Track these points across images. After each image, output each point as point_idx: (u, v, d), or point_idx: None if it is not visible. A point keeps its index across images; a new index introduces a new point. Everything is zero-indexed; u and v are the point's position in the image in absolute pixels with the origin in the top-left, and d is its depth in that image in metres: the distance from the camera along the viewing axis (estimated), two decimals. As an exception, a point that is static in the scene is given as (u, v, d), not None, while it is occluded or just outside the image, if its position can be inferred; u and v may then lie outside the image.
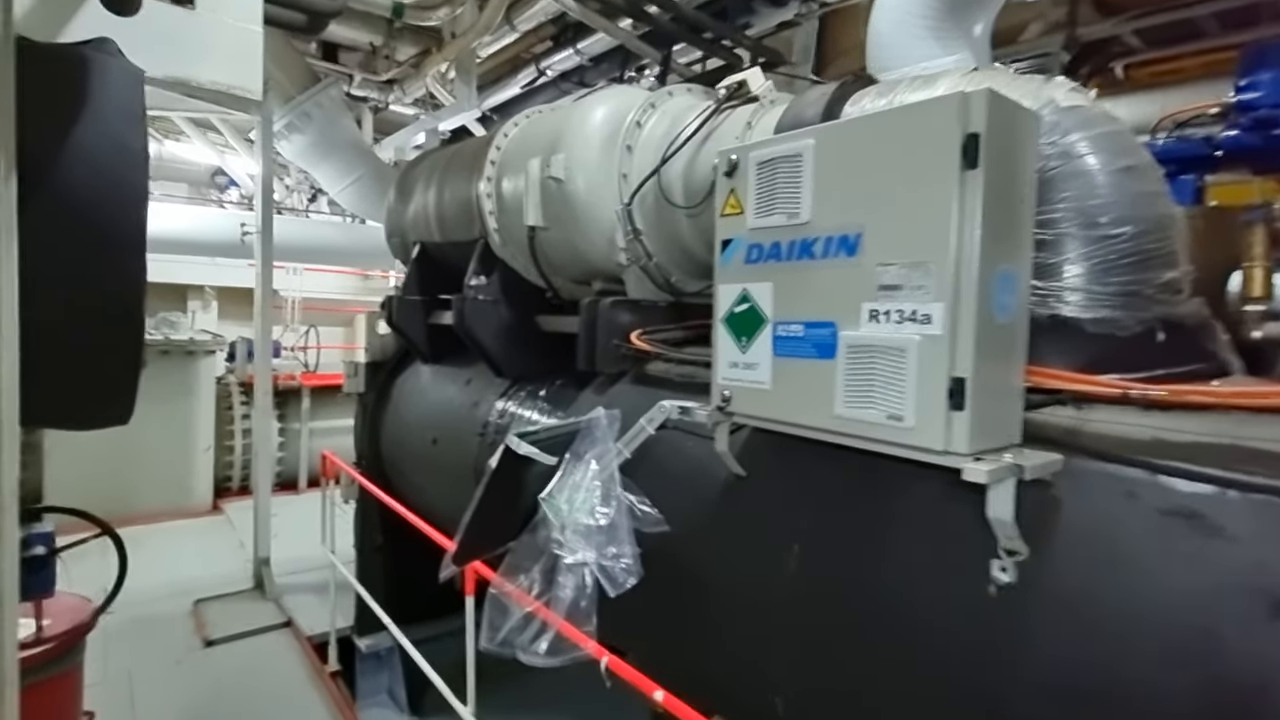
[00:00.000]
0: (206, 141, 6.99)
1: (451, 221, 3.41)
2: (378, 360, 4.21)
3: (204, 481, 7.15)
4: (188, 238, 5.87)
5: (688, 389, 2.23)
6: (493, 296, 3.06)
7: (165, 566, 5.55)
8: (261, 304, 4.79)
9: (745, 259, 1.59)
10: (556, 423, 2.03)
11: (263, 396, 4.86)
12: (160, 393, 6.75)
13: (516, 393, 3.04)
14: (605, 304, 2.54)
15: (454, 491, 3.35)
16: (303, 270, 8.59)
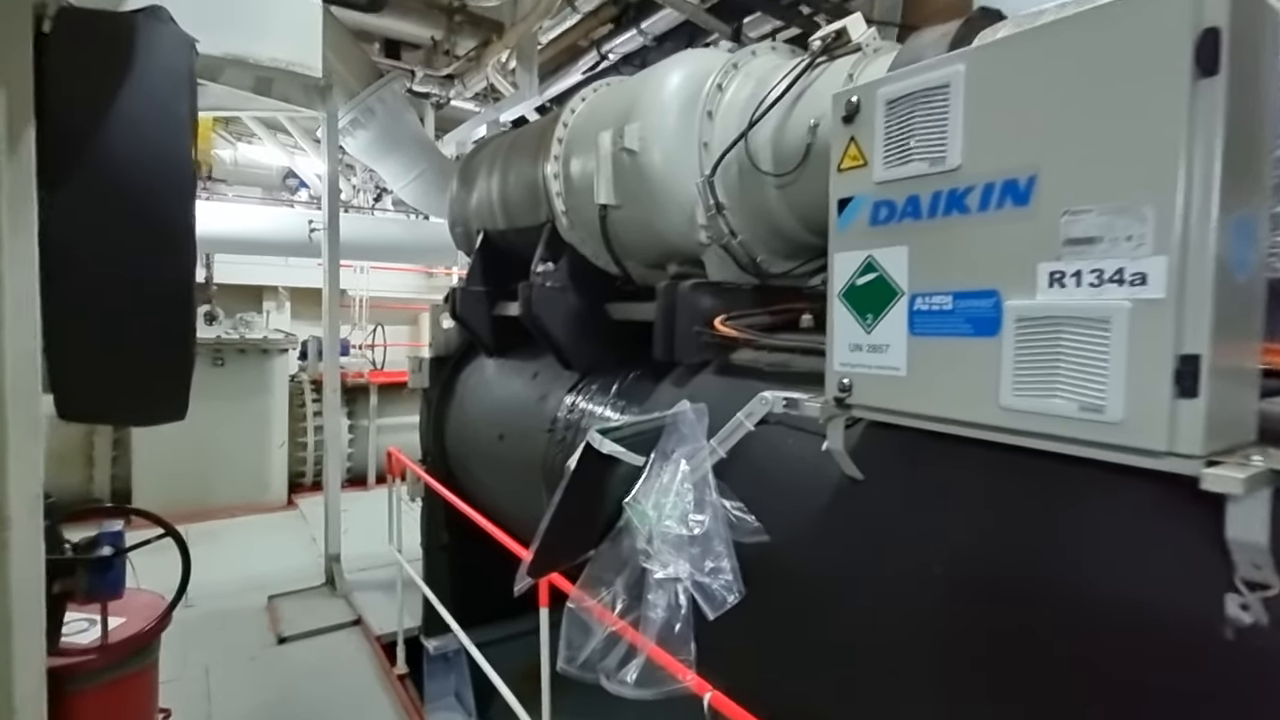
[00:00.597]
0: (277, 143, 7.18)
1: (516, 206, 3.26)
2: (442, 355, 4.13)
3: (279, 477, 7.35)
4: (259, 237, 6.02)
5: (780, 379, 1.98)
6: (560, 283, 2.88)
7: (242, 561, 5.69)
8: (329, 301, 4.80)
9: (871, 220, 1.33)
10: (640, 418, 1.82)
11: (331, 394, 4.88)
12: (237, 391, 6.97)
13: (586, 386, 2.85)
14: (685, 287, 2.32)
15: (521, 490, 3.21)
16: (369, 269, 8.75)
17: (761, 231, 2.39)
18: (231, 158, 8.24)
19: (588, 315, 2.94)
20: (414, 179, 5.62)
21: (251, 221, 5.95)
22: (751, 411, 1.63)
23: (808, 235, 2.36)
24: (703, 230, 2.38)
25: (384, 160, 5.63)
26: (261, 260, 8.82)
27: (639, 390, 2.57)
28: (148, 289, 1.23)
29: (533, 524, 3.17)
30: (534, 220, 3.08)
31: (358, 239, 6.52)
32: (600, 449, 1.56)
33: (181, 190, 1.29)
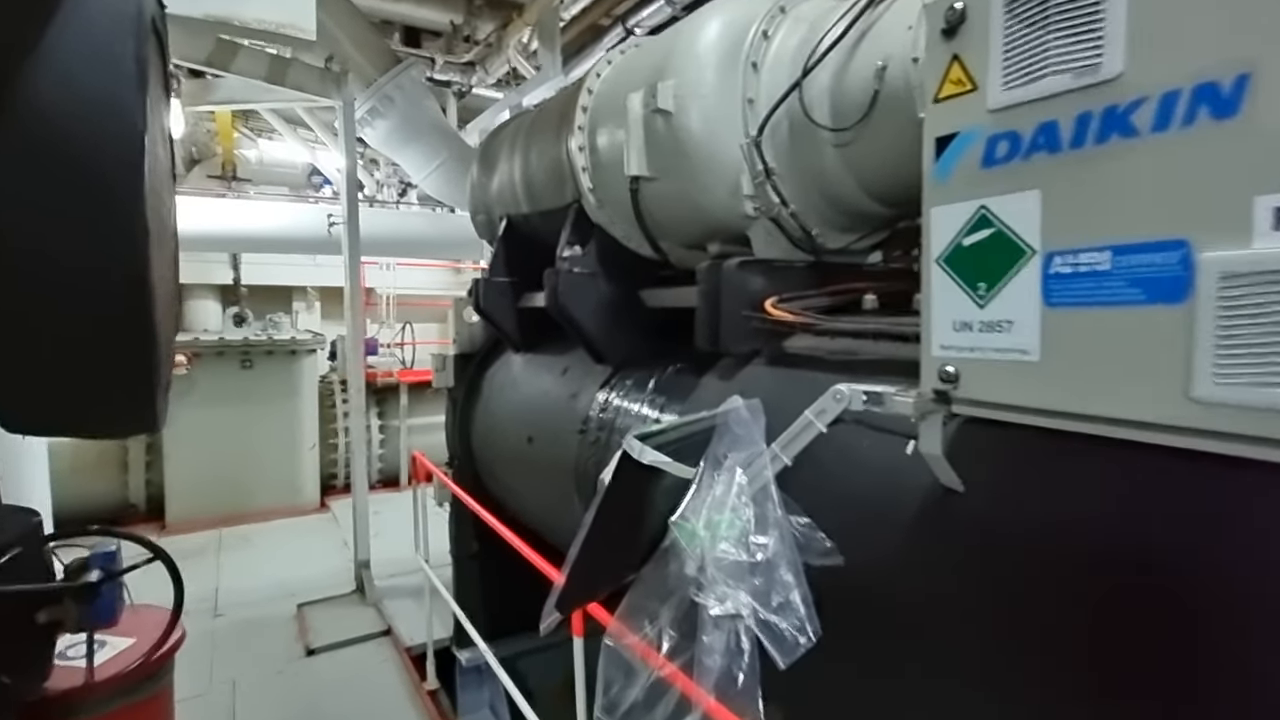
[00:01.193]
0: (298, 138, 7.10)
1: (540, 188, 3.02)
2: (466, 351, 3.92)
3: (310, 480, 7.30)
4: (280, 235, 5.92)
5: (846, 370, 1.70)
6: (589, 269, 2.63)
7: (273, 567, 5.62)
8: (351, 298, 4.65)
9: (985, 159, 1.03)
10: (686, 419, 1.55)
11: (355, 394, 4.74)
12: (266, 393, 6.93)
13: (620, 381, 2.60)
14: (730, 266, 2.04)
15: (552, 496, 2.98)
16: (395, 266, 8.65)
17: (816, 200, 2.09)
18: (256, 157, 8.23)
19: (620, 303, 2.68)
20: (435, 169, 5.44)
21: (272, 219, 5.86)
22: (824, 409, 1.35)
23: (870, 203, 2.05)
24: (748, 201, 2.10)
25: (404, 151, 5.46)
26: (290, 260, 8.80)
27: (679, 385, 2.30)
28: (79, 277, 1.01)
29: (565, 534, 2.94)
30: (559, 201, 2.83)
31: (381, 234, 6.38)
32: (640, 459, 1.30)
33: (126, 150, 1.06)
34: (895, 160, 1.85)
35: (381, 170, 8.53)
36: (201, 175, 7.87)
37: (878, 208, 2.08)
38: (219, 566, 5.65)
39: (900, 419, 1.28)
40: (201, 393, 6.58)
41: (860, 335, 1.70)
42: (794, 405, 1.73)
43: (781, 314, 1.91)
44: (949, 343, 1.11)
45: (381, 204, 8.00)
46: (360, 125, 5.15)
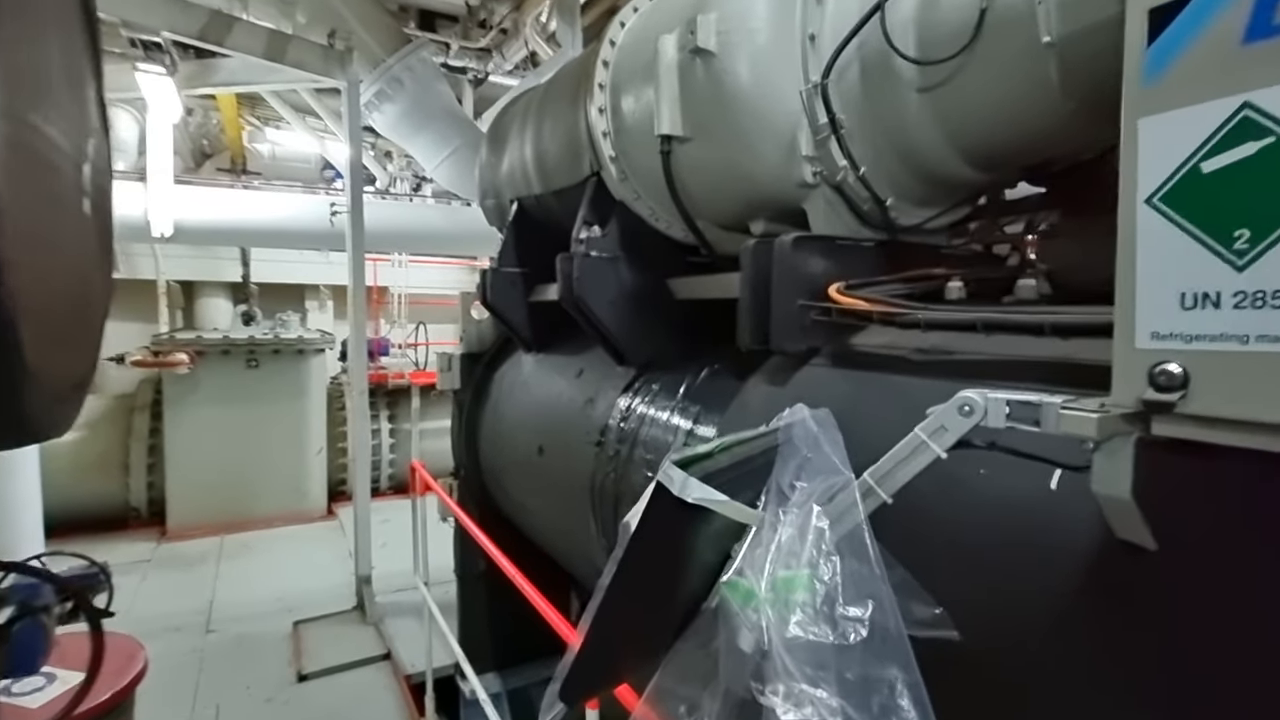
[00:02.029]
0: (306, 127, 6.86)
1: (554, 163, 2.66)
2: (474, 351, 3.58)
3: (318, 485, 7.03)
4: (284, 227, 5.64)
5: (943, 372, 1.31)
6: (609, 252, 2.26)
7: (273, 578, 5.34)
8: (354, 294, 4.34)
9: (1251, 28, 0.64)
10: (739, 436, 1.17)
11: (358, 397, 4.42)
12: (272, 394, 6.67)
13: (645, 386, 2.22)
14: (785, 243, 1.65)
15: (564, 516, 2.61)
16: (408, 263, 8.38)
17: (890, 162, 1.70)
18: (269, 151, 8.02)
19: (645, 293, 2.31)
20: (448, 158, 5.12)
21: (276, 210, 5.59)
22: (942, 426, 0.95)
23: (959, 165, 1.66)
24: (807, 164, 1.71)
25: (415, 138, 5.15)
26: (302, 258, 8.58)
27: (717, 391, 1.92)
28: None
29: (580, 561, 2.56)
30: (575, 177, 2.46)
31: (391, 227, 6.09)
32: (683, 494, 0.92)
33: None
34: (1002, 104, 1.45)
35: (395, 163, 8.27)
36: (212, 170, 7.68)
37: (967, 172, 1.69)
38: (217, 576, 5.37)
39: (1053, 440, 0.89)
40: (206, 393, 6.34)
41: (962, 328, 1.30)
42: (875, 418, 1.34)
43: (853, 302, 1.52)
44: (1172, 328, 0.71)
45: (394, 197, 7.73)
46: (367, 110, 4.85)
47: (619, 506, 2.09)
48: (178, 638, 4.15)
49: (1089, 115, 1.38)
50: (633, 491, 2.03)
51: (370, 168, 7.83)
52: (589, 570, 2.56)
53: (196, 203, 5.32)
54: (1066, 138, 1.47)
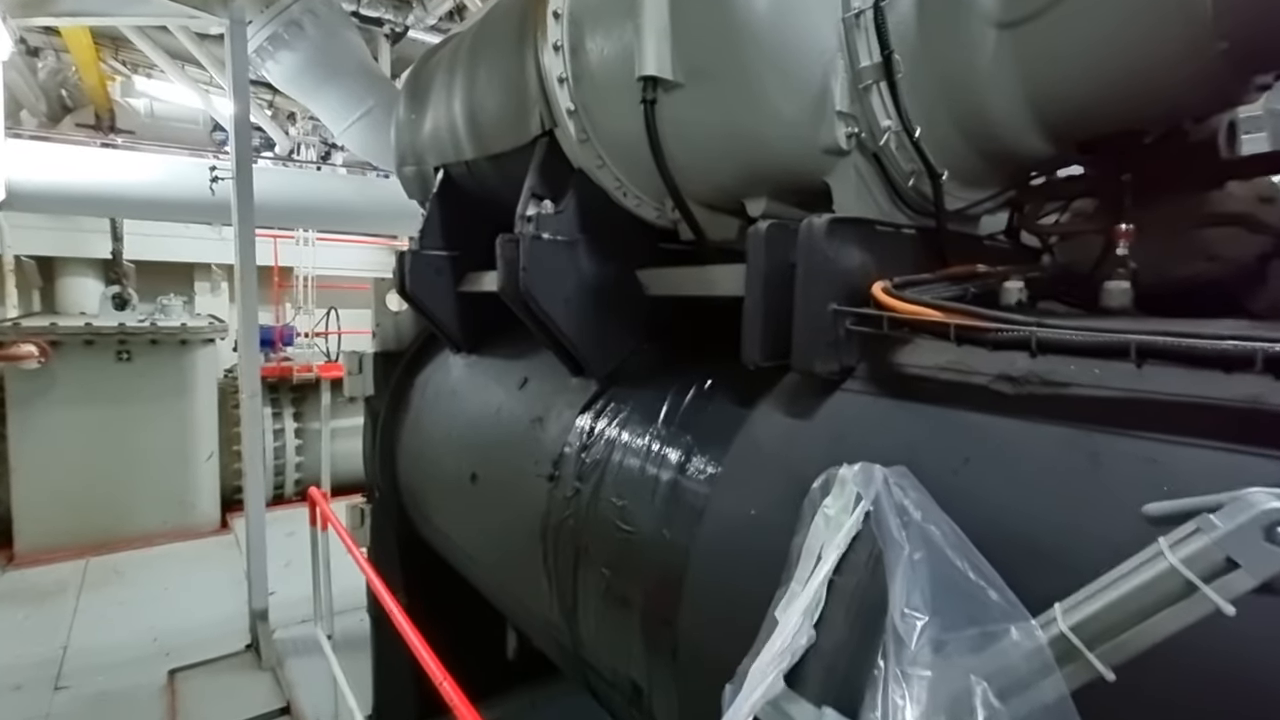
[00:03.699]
0: (186, 78, 5.89)
1: (492, 122, 2.15)
2: (391, 350, 3.03)
3: (208, 495, 6.20)
4: (156, 195, 4.74)
5: (1064, 414, 0.95)
6: (566, 234, 1.79)
7: (148, 611, 4.58)
8: (242, 271, 3.66)
9: None
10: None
11: (248, 400, 3.74)
12: (150, 391, 5.79)
13: (612, 405, 1.77)
14: (818, 227, 1.24)
15: (504, 562, 2.14)
16: (315, 241, 7.51)
17: (945, 125, 1.32)
18: (146, 108, 6.93)
19: (609, 287, 1.86)
20: (360, 119, 4.46)
21: (141, 173, 4.68)
22: (1229, 553, 0.55)
23: (1030, 133, 1.31)
24: (840, 123, 1.31)
25: (319, 94, 4.45)
26: (190, 232, 7.57)
27: (713, 416, 1.49)
28: None
29: (523, 615, 2.10)
30: (520, 138, 1.97)
31: (294, 199, 5.31)
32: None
33: None
34: (1120, 44, 1.09)
35: (299, 127, 7.36)
36: (71, 126, 6.57)
37: (1035, 142, 1.33)
38: (76, 611, 4.56)
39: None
40: (63, 391, 5.40)
41: (1100, 352, 0.93)
42: (978, 487, 0.95)
43: (917, 309, 1.12)
44: None
45: (298, 165, 6.87)
46: (258, 57, 4.12)
47: (581, 563, 1.65)
48: (15, 700, 3.41)
49: (1242, 61, 1.03)
50: (600, 545, 1.59)
51: (269, 131, 6.91)
52: (537, 627, 2.10)
53: (39, 161, 4.39)
54: (1200, 93, 1.12)
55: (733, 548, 1.25)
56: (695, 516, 1.35)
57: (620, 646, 1.54)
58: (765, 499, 1.23)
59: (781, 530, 1.16)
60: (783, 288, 1.34)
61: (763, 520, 1.21)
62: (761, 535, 1.20)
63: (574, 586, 1.69)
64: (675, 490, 1.43)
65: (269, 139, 7.03)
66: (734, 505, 1.28)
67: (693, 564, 1.32)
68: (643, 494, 1.50)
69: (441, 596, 3.02)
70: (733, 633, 1.22)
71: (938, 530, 0.78)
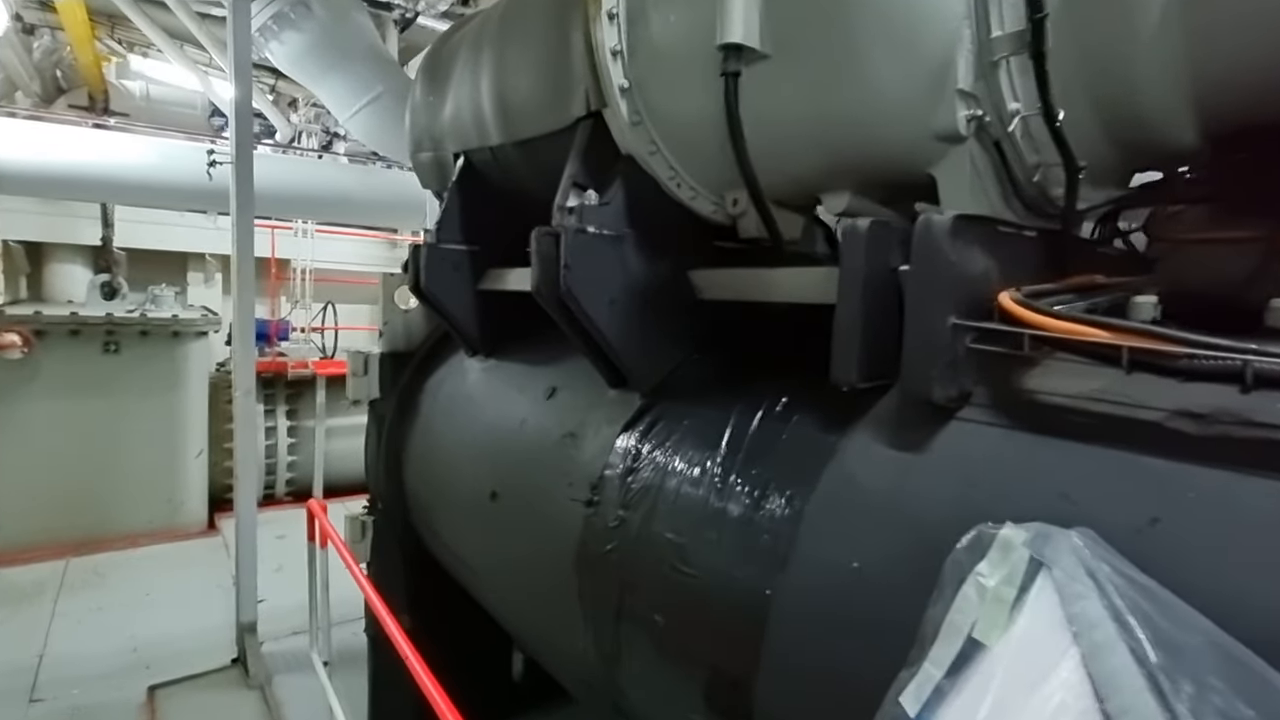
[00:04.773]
0: (185, 59, 5.64)
1: (525, 102, 1.94)
2: (399, 350, 2.81)
3: (196, 495, 5.95)
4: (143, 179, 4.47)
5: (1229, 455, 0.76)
6: (613, 229, 1.58)
7: (130, 617, 4.34)
8: (239, 262, 3.43)
9: None
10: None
11: (242, 398, 3.51)
12: (138, 385, 5.55)
13: (662, 423, 1.57)
14: (939, 225, 1.04)
15: (528, 592, 1.93)
16: (314, 233, 7.27)
17: (1085, 110, 1.12)
18: (142, 90, 6.67)
19: (659, 290, 1.65)
20: (368, 104, 4.24)
21: (134, 156, 4.43)
22: None
23: (1182, 120, 1.11)
24: (961, 104, 1.10)
25: (325, 79, 4.23)
26: (184, 220, 7.33)
27: (791, 444, 1.29)
28: None
29: (549, 654, 1.89)
30: (557, 121, 1.77)
31: (294, 188, 5.09)
32: None
33: None
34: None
35: (302, 114, 7.12)
36: (64, 108, 6.31)
37: (1187, 133, 1.13)
38: (54, 616, 4.32)
39: None
40: (47, 382, 5.16)
41: None
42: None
43: (1076, 328, 0.92)
44: None
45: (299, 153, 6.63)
46: (263, 37, 3.90)
47: (626, 604, 1.44)
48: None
49: None
50: (652, 585, 1.38)
51: (270, 117, 6.67)
52: (563, 665, 1.90)
53: (26, 141, 4.15)
54: None
55: (830, 606, 1.05)
56: (776, 562, 1.15)
57: (674, 705, 1.34)
58: (874, 551, 1.03)
59: (898, 592, 0.96)
60: (885, 296, 1.15)
61: (871, 577, 1.01)
62: (871, 595, 1.00)
63: (616, 629, 1.48)
64: (748, 529, 1.23)
65: (269, 126, 6.79)
66: (830, 554, 1.08)
67: (775, 619, 1.12)
68: (706, 531, 1.30)
69: (445, 614, 2.81)
70: (830, 709, 1.02)
71: (1192, 632, 0.57)
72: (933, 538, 0.97)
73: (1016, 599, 0.76)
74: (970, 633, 0.79)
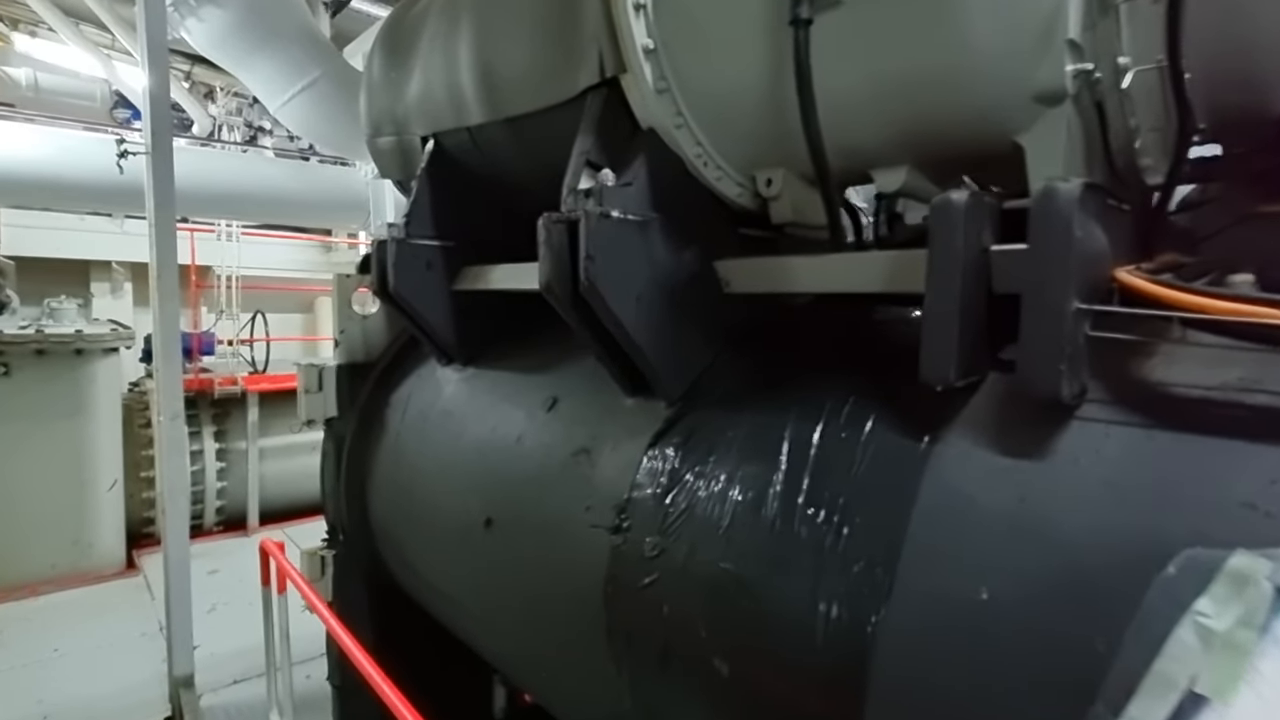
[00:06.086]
0: (84, 41, 5.07)
1: (514, 75, 1.74)
2: (358, 361, 2.53)
3: (111, 531, 5.38)
4: (38, 175, 3.94)
5: None
6: (638, 213, 1.40)
7: (33, 677, 3.82)
8: (159, 268, 3.05)
9: None
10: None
11: (168, 423, 3.13)
12: (35, 410, 4.96)
13: (698, 434, 1.39)
14: (1066, 194, 0.91)
15: (536, 630, 1.72)
16: (240, 235, 6.71)
17: (1200, 65, 1.01)
18: (28, 79, 5.96)
19: (687, 283, 1.47)
20: (302, 90, 3.89)
21: (22, 149, 3.89)
22: None
23: None
24: (1070, 57, 0.98)
25: (252, 61, 3.86)
26: (84, 224, 6.67)
27: (870, 455, 1.13)
28: None
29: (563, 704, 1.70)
30: (560, 92, 1.57)
31: (220, 186, 4.64)
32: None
33: None
34: None
35: (221, 104, 6.57)
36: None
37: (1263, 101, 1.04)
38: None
39: None
40: (-77, 412, 4.54)
41: None
42: None
43: (1258, 311, 0.80)
44: None
45: (220, 146, 6.11)
46: (179, 13, 3.51)
47: (676, 649, 1.26)
48: None
49: None
50: (711, 626, 1.20)
51: (186, 108, 6.11)
52: (583, 713, 1.69)
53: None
54: None
55: (956, 648, 0.90)
56: (875, 594, 0.99)
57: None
58: (1005, 578, 0.88)
59: (1044, 627, 0.82)
60: (978, 281, 1.01)
61: (1006, 608, 0.86)
62: (1008, 632, 0.85)
63: (663, 677, 1.30)
64: (833, 556, 1.07)
65: (186, 119, 6.23)
66: (948, 582, 0.93)
67: (879, 664, 0.96)
68: (774, 559, 1.13)
69: (417, 650, 2.56)
70: (966, 771, 0.87)
71: None
72: (1081, 561, 0.84)
73: (1259, 646, 0.62)
74: (1191, 687, 0.66)
